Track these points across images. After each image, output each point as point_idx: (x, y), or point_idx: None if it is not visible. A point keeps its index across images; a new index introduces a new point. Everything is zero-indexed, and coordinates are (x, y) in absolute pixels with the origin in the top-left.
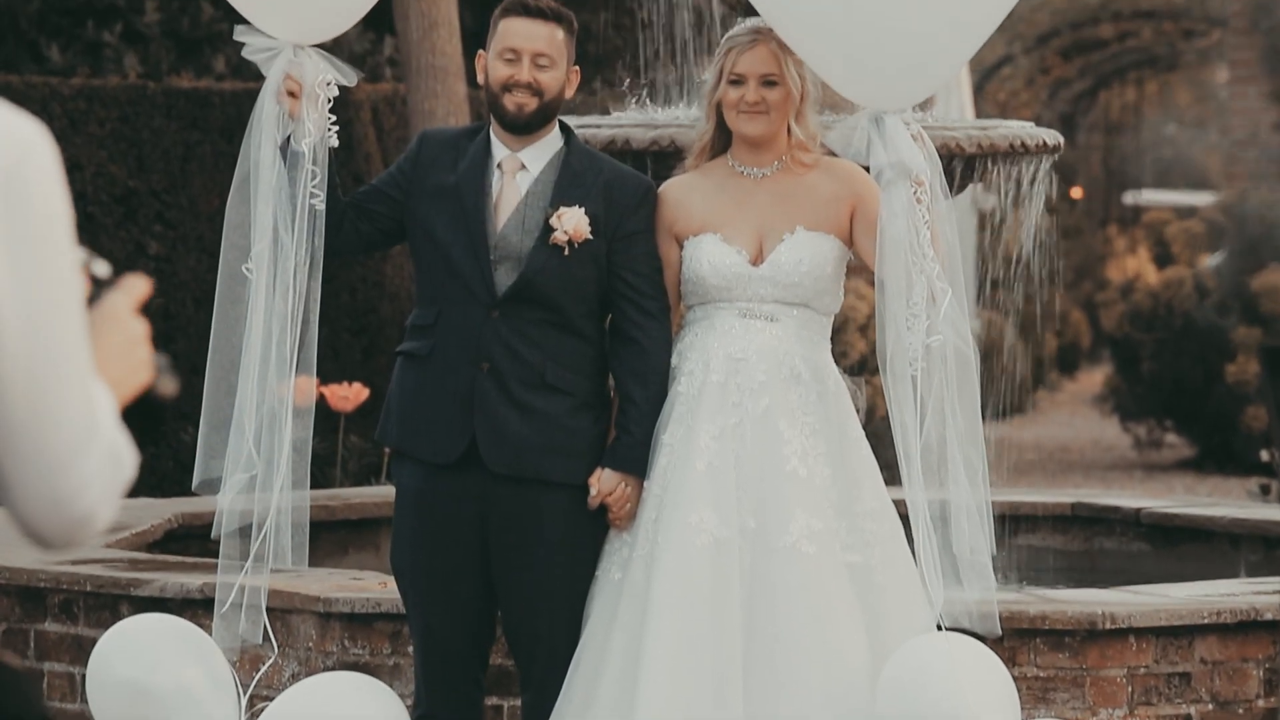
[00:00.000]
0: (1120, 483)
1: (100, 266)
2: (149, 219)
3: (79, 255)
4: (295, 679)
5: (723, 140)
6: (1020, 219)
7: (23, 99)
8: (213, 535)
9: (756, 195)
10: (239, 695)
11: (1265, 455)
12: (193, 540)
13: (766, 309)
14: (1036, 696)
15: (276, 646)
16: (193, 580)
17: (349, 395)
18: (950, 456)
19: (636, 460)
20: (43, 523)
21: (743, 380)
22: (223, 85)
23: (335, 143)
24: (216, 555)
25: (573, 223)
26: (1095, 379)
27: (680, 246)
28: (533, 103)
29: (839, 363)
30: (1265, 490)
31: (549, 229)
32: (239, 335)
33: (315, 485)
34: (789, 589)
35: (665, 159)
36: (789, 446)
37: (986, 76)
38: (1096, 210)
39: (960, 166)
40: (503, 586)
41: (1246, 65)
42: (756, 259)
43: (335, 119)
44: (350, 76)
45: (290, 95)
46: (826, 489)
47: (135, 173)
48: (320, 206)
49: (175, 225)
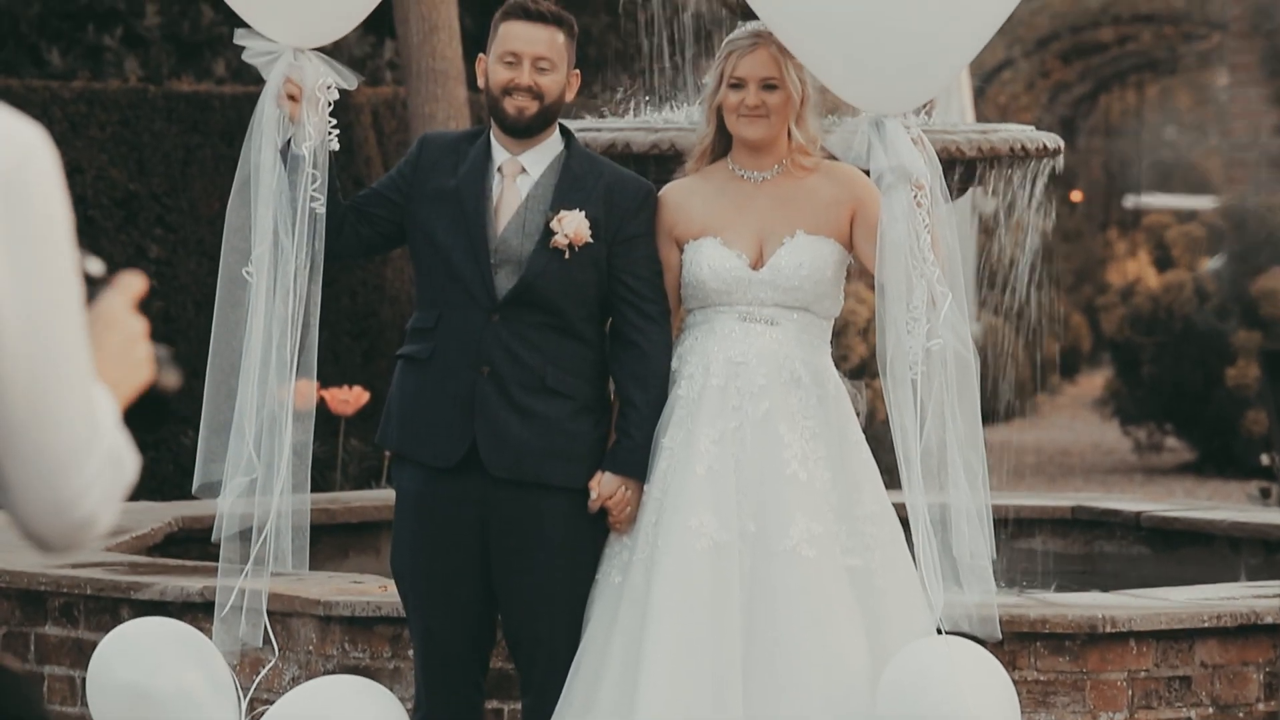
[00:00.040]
0: (1120, 486)
1: (94, 265)
2: (149, 222)
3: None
4: (295, 682)
5: (723, 144)
6: (1020, 223)
7: (23, 102)
8: (213, 539)
9: (757, 199)
10: (239, 698)
11: (1265, 459)
12: (193, 544)
13: (767, 313)
14: (1037, 700)
15: (277, 650)
16: (193, 584)
17: (349, 399)
18: (950, 460)
19: (637, 464)
20: (43, 526)
21: (743, 384)
22: (223, 89)
23: (336, 146)
24: (217, 559)
25: (573, 226)
26: (1095, 382)
27: (680, 250)
28: (533, 106)
29: (839, 366)
30: (1265, 494)
31: (549, 232)
32: (239, 338)
33: (315, 489)
34: (789, 593)
35: (665, 162)
36: (789, 450)
37: (987, 80)
38: (1097, 214)
39: (960, 170)
40: (503, 590)
41: (1247, 69)
42: (757, 263)
43: (335, 122)
44: (350, 80)
45: (290, 99)
46: (826, 493)
47: (136, 176)
48: (320, 210)
49: (176, 229)
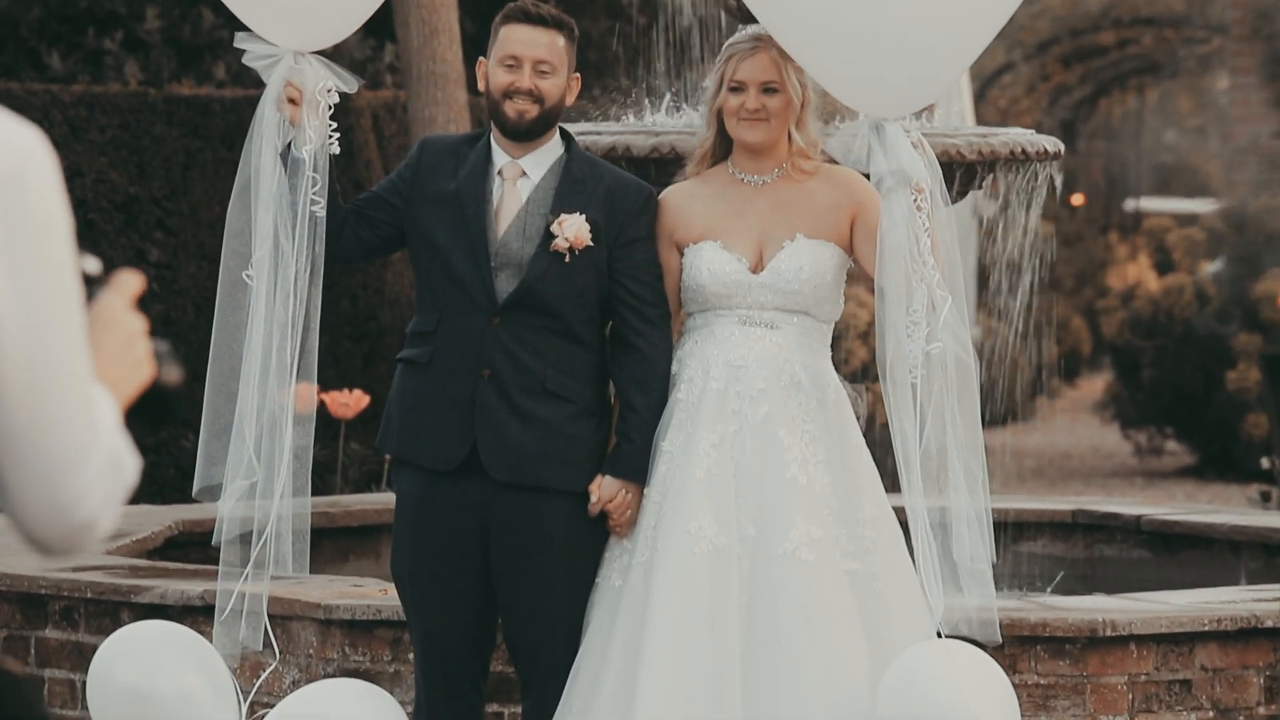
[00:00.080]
0: (1121, 490)
1: (91, 264)
2: (150, 226)
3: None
4: (296, 686)
5: (723, 147)
6: (1021, 226)
7: (24, 106)
8: (213, 542)
9: (757, 203)
10: (239, 702)
11: (1266, 462)
12: (193, 547)
13: (766, 316)
14: (1037, 704)
15: (277, 653)
16: (193, 587)
17: (349, 402)
18: (950, 464)
19: (637, 467)
20: (43, 529)
21: (742, 388)
22: (223, 92)
23: (336, 149)
24: (217, 562)
25: (574, 230)
26: (1096, 386)
27: (680, 254)
28: (533, 110)
29: (839, 370)
30: (1266, 497)
31: (550, 236)
32: (239, 342)
33: (316, 492)
34: (789, 596)
35: (666, 166)
36: (789, 454)
37: (987, 83)
38: (1097, 217)
39: (961, 174)
40: (503, 593)
41: (1247, 72)
42: (756, 266)
43: (336, 126)
44: (351, 83)
45: (291, 102)
46: (826, 496)
47: (136, 180)
48: (321, 213)
49: (176, 232)
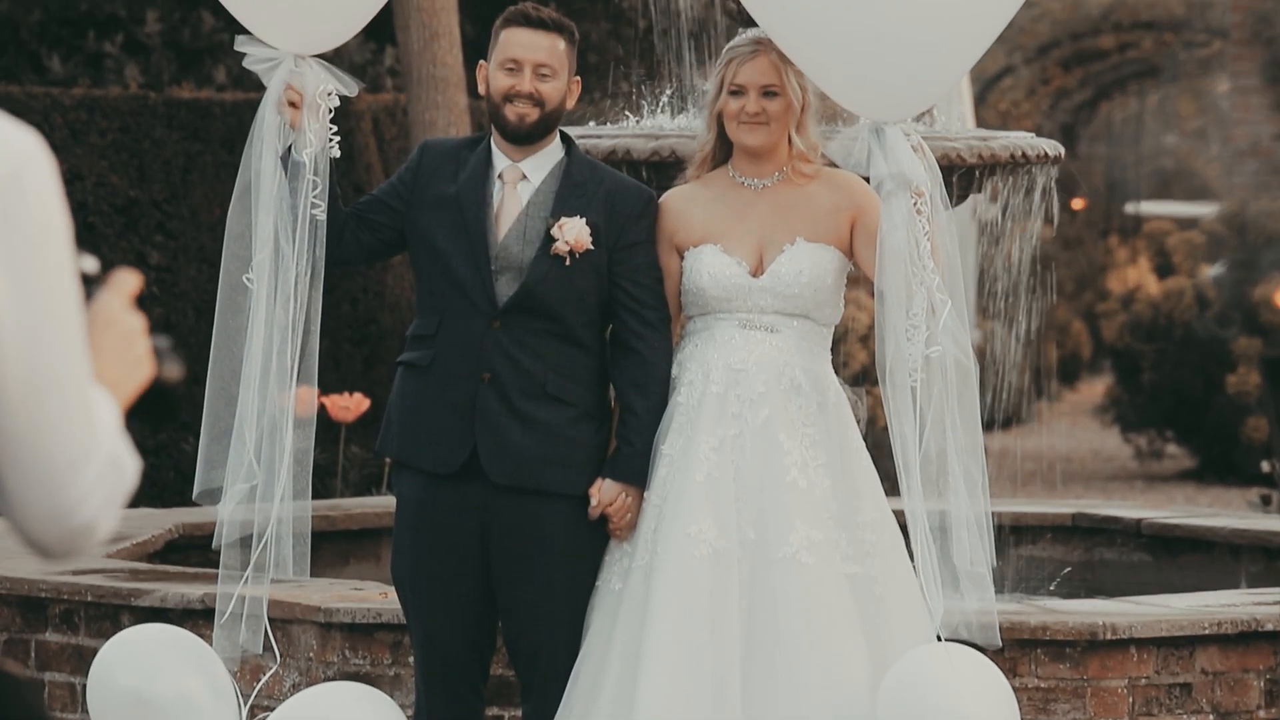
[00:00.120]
0: (1121, 493)
1: (88, 263)
2: (150, 229)
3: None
4: (296, 689)
5: (724, 151)
6: (1021, 230)
7: (24, 109)
8: (213, 545)
9: (757, 206)
10: (240, 705)
11: (1266, 466)
12: (193, 550)
13: (767, 320)
14: (1037, 707)
15: (277, 656)
16: (193, 590)
17: (350, 405)
18: (950, 468)
19: (637, 471)
20: (43, 532)
21: (742, 391)
22: (224, 95)
23: (336, 153)
24: (217, 565)
25: (574, 233)
26: (1096, 389)
27: (681, 257)
28: (534, 113)
29: (840, 373)
30: (1266, 501)
31: (550, 239)
32: (240, 345)
33: (316, 496)
34: (789, 600)
35: (666, 169)
36: (789, 457)
37: (987, 87)
38: (1097, 221)
39: (961, 177)
40: (503, 597)
41: (1247, 76)
42: (757, 270)
43: (336, 129)
44: (351, 87)
45: (291, 105)
46: (826, 500)
47: (136, 183)
48: (321, 216)
49: (176, 235)
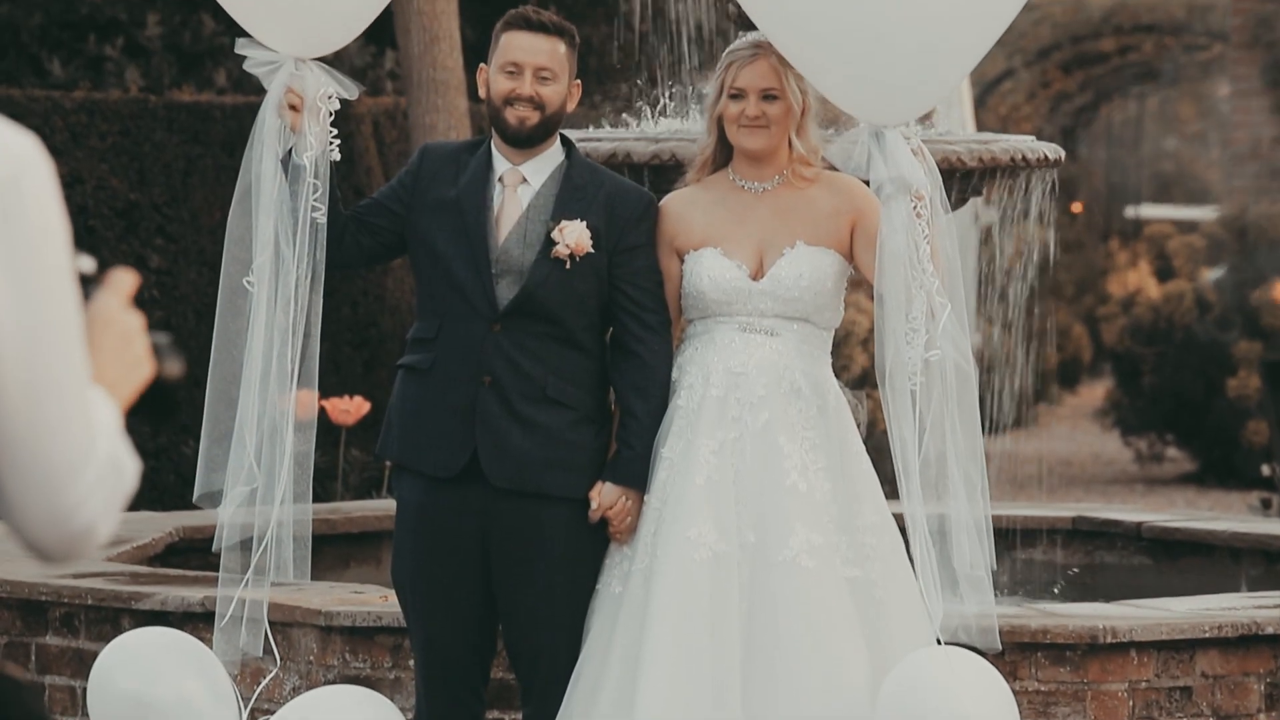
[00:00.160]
0: (1121, 497)
1: (86, 263)
2: (150, 232)
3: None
4: (296, 692)
5: (724, 154)
6: (1021, 233)
7: (24, 113)
8: (214, 548)
9: (757, 209)
10: (240, 708)
11: (1266, 469)
12: (194, 553)
13: (766, 323)
14: (1037, 711)
15: (278, 660)
16: (194, 594)
17: (350, 409)
18: (949, 472)
19: (637, 474)
20: (42, 536)
21: (742, 395)
22: (224, 99)
23: (337, 156)
24: (218, 568)
25: (574, 236)
26: (1096, 393)
27: (681, 260)
28: (534, 116)
29: (840, 376)
30: (1266, 504)
31: (550, 242)
32: (240, 348)
33: (316, 499)
34: (788, 603)
35: (666, 173)
36: (789, 461)
37: (987, 90)
38: (1098, 224)
39: (961, 180)
40: (504, 600)
41: (1248, 79)
42: (757, 273)
43: (336, 132)
44: (351, 90)
45: (292, 109)
46: (826, 504)
47: (136, 186)
48: (322, 220)
49: (176, 238)
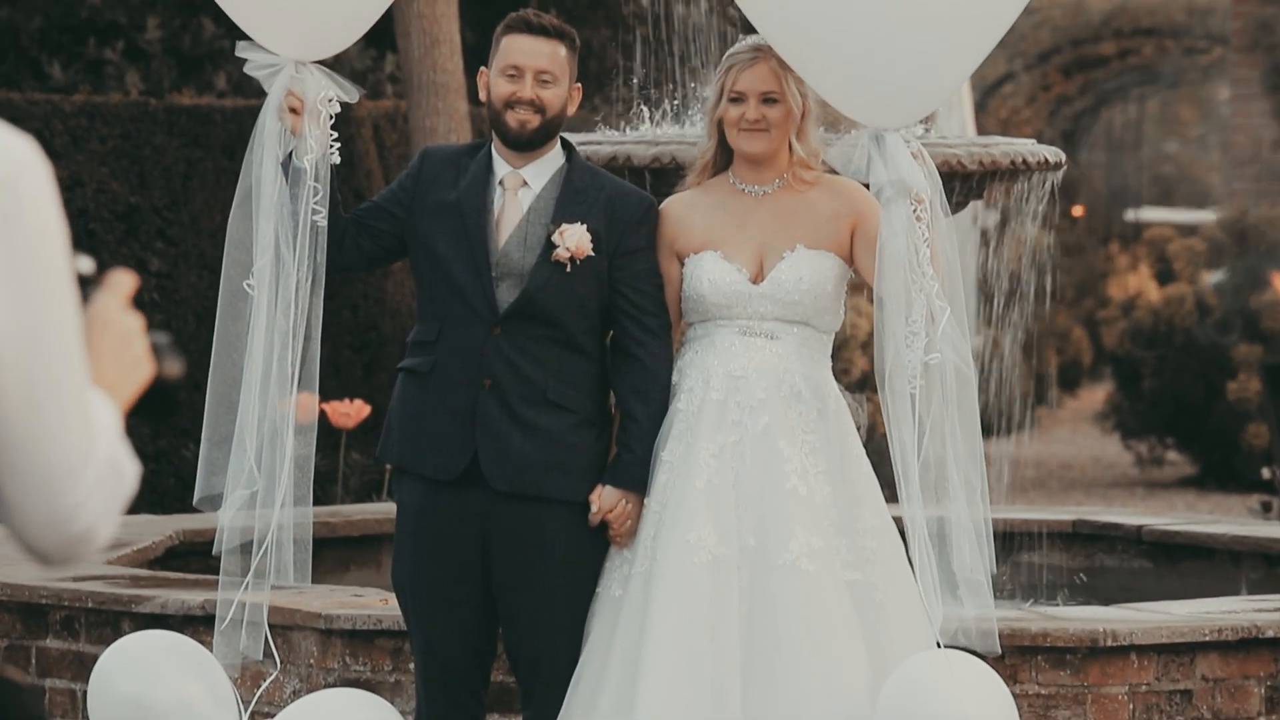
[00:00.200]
0: (1121, 500)
1: (84, 264)
2: (150, 235)
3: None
4: (296, 695)
5: (724, 157)
6: (1021, 237)
7: (24, 116)
8: (214, 552)
9: (757, 213)
10: (240, 711)
11: (1266, 473)
12: (194, 557)
13: (767, 327)
14: (1038, 714)
15: (278, 663)
16: (194, 597)
17: (350, 412)
18: (949, 475)
19: (637, 477)
20: (42, 539)
21: (742, 398)
22: (224, 102)
23: (337, 159)
24: (218, 572)
25: (575, 239)
26: (1096, 396)
27: (681, 264)
28: (535, 120)
29: (840, 380)
30: (1266, 508)
31: (551, 246)
32: (240, 351)
33: (317, 502)
34: (788, 606)
35: (666, 176)
36: (789, 464)
37: (988, 94)
38: (1098, 227)
39: (961, 184)
40: (504, 603)
41: (1248, 83)
42: (757, 277)
43: (337, 135)
44: (352, 93)
45: (292, 112)
46: (827, 507)
47: (137, 189)
48: (322, 223)
49: (177, 242)
